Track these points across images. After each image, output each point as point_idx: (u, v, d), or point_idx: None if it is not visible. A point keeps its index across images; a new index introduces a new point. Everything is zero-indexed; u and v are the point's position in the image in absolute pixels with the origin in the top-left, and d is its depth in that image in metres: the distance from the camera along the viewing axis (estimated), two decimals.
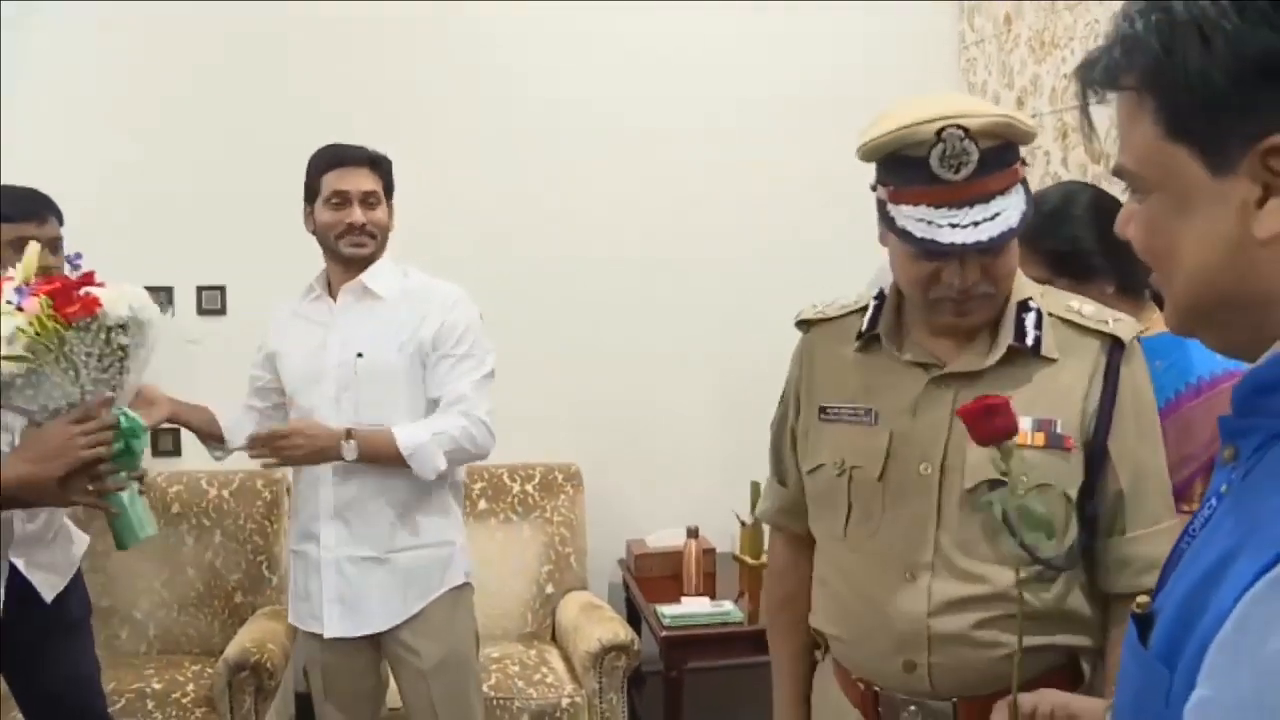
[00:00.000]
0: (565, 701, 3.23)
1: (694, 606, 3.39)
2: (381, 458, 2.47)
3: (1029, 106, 3.82)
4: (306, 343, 2.59)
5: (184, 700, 3.16)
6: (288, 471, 3.64)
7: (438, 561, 2.61)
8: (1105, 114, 0.85)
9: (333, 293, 2.61)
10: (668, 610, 3.36)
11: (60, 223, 2.72)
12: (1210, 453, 1.73)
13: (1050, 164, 3.65)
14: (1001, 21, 4.01)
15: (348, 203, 2.53)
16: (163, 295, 3.72)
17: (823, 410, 1.66)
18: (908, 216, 1.46)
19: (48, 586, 2.58)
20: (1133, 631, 0.83)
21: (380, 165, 2.60)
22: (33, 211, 2.65)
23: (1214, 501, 0.82)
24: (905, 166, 1.45)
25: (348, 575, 2.55)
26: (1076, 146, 3.56)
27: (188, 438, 3.58)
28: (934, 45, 4.16)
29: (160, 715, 3.12)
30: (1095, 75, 0.82)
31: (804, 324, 1.75)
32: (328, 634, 2.57)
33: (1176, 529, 1.34)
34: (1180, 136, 0.76)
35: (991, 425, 1.31)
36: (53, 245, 2.66)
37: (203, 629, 3.50)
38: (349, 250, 2.54)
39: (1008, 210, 1.45)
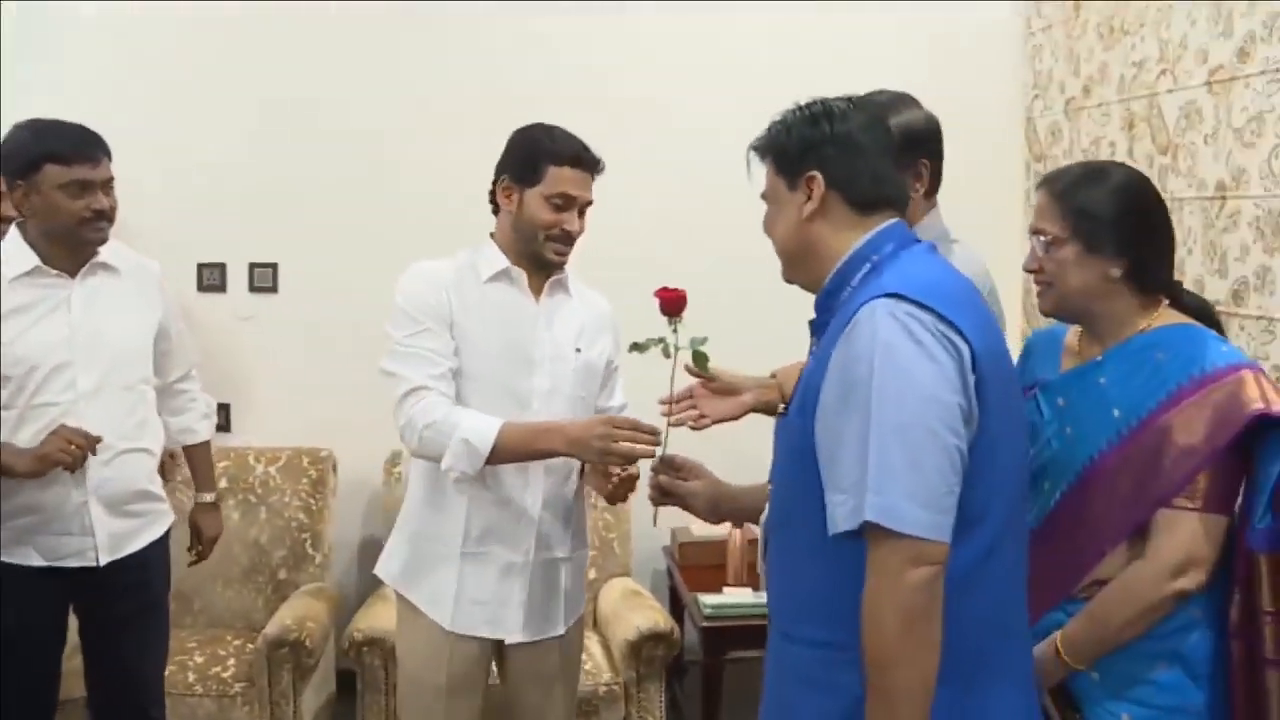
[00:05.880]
0: (603, 690, 3.26)
1: (736, 597, 3.36)
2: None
3: (1095, 95, 3.76)
4: (511, 330, 2.48)
5: (224, 675, 3.12)
6: (334, 449, 3.34)
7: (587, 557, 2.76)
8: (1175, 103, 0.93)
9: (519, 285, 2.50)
10: (709, 600, 3.35)
11: (110, 160, 2.59)
12: (1211, 445, 1.79)
13: (1115, 153, 3.58)
14: (1070, 8, 3.89)
15: (570, 208, 2.42)
16: (215, 272, 3.33)
17: None
18: None
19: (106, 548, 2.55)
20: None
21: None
22: (87, 154, 2.49)
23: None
24: None
25: (543, 579, 2.52)
26: (1143, 137, 3.45)
27: (236, 412, 3.30)
28: (999, 32, 4.15)
29: (201, 689, 3.12)
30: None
31: None
32: (511, 640, 2.50)
33: None
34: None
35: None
36: (107, 187, 2.56)
37: (246, 605, 3.32)
38: (552, 256, 2.45)
39: None
